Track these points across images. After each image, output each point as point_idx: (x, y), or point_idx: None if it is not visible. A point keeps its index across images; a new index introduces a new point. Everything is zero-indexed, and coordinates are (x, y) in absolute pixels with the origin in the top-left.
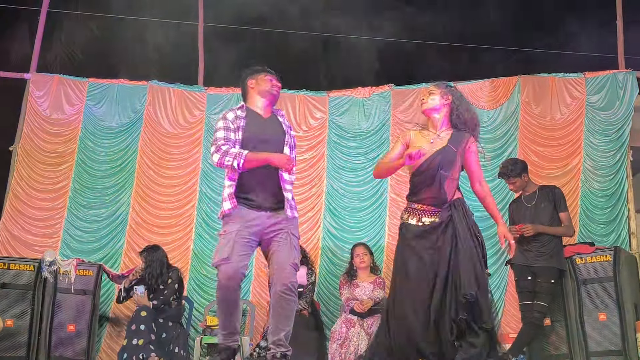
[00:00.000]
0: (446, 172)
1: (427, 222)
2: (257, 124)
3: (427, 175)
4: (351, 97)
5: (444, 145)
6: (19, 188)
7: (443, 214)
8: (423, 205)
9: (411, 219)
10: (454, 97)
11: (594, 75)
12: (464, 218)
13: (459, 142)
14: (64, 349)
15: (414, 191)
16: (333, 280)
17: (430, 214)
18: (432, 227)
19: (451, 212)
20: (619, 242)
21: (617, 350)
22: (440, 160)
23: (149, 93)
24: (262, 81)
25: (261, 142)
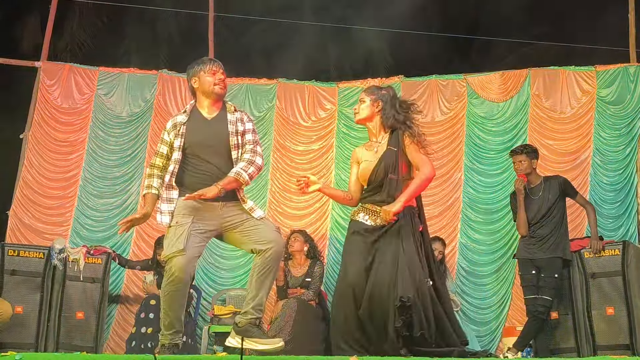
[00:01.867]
0: (393, 175)
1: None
2: (198, 128)
3: (376, 183)
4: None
5: (384, 149)
6: (29, 176)
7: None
8: (373, 206)
9: (360, 217)
10: (383, 102)
11: (605, 68)
12: (409, 225)
13: (397, 141)
14: (72, 336)
15: (365, 195)
16: None
17: (376, 215)
18: (374, 227)
19: (398, 219)
20: (627, 236)
21: (624, 344)
22: (385, 165)
23: (159, 82)
24: (203, 79)
25: (203, 147)
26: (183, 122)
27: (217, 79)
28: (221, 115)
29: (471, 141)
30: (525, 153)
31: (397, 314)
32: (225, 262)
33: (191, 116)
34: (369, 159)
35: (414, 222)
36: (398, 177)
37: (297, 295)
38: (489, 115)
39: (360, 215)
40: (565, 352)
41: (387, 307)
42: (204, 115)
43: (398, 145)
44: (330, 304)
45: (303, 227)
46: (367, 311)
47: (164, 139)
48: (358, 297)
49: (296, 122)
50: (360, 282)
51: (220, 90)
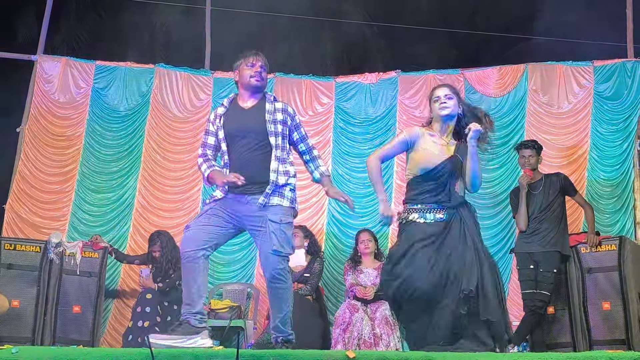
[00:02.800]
0: (453, 180)
1: (432, 219)
2: (235, 118)
3: (438, 182)
4: (358, 83)
5: (452, 154)
6: (26, 170)
7: (449, 212)
8: (427, 205)
9: (415, 217)
10: (462, 108)
11: (603, 63)
12: (471, 217)
13: (464, 154)
14: (69, 330)
15: (415, 196)
16: (337, 265)
17: (436, 211)
18: (439, 223)
19: (457, 209)
20: (624, 231)
21: (620, 339)
22: (452, 168)
23: (155, 76)
24: (242, 72)
25: (239, 136)
26: (222, 113)
27: (254, 72)
28: (259, 105)
29: None
30: (536, 148)
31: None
32: (222, 256)
33: (230, 107)
34: (434, 150)
35: (471, 209)
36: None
37: (294, 290)
38: (486, 110)
39: (416, 216)
40: (561, 347)
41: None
42: (241, 105)
43: (465, 158)
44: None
45: (300, 222)
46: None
47: (209, 130)
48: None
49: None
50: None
51: (256, 82)
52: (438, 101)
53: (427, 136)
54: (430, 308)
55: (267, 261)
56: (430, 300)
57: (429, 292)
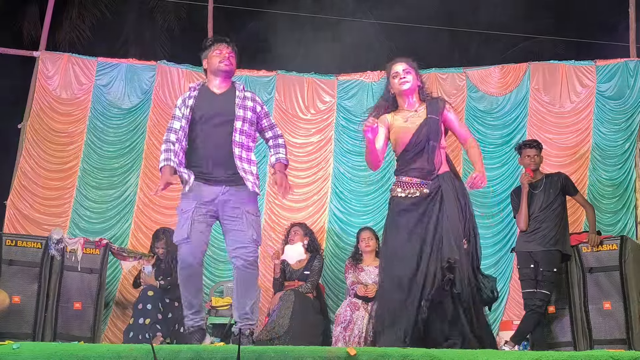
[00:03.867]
0: (434, 142)
1: (416, 192)
2: (207, 102)
3: (417, 148)
4: (360, 81)
5: (424, 117)
6: (27, 166)
7: (431, 185)
8: (411, 178)
9: (400, 192)
10: (420, 75)
11: (605, 63)
12: (452, 190)
13: (437, 110)
14: (70, 326)
15: (402, 167)
16: (338, 263)
17: (418, 186)
18: (421, 197)
19: (439, 184)
20: (625, 231)
21: (621, 339)
22: (428, 130)
23: (157, 73)
24: (211, 59)
25: (209, 120)
26: (194, 95)
27: (222, 57)
28: (230, 91)
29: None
30: (539, 148)
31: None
32: (222, 253)
33: (200, 92)
34: (406, 125)
35: (455, 185)
36: (439, 145)
37: (294, 287)
38: (489, 109)
39: (399, 191)
40: (561, 346)
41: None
42: (213, 90)
43: (439, 115)
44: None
45: (301, 220)
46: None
47: (176, 115)
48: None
49: (295, 114)
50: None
51: (225, 67)
52: (397, 77)
53: (396, 117)
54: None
55: (244, 249)
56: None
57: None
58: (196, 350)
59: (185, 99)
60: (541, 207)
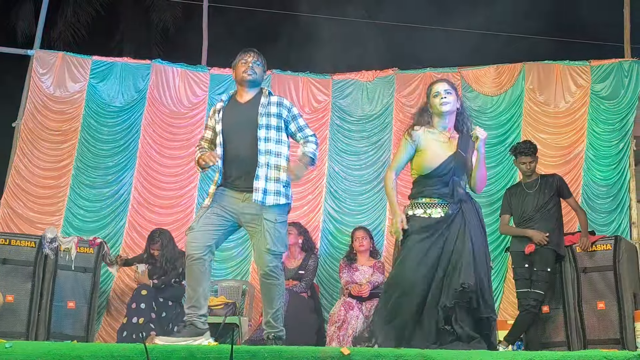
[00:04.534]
0: (458, 178)
1: (436, 213)
2: (232, 112)
3: (441, 180)
4: (355, 81)
5: (454, 150)
6: (21, 165)
7: (453, 206)
8: (431, 199)
9: (419, 212)
10: (461, 102)
11: (600, 63)
12: (474, 211)
13: (467, 147)
14: (63, 325)
15: (421, 191)
16: (333, 263)
17: (439, 206)
18: (441, 219)
19: (461, 205)
20: (619, 231)
21: (615, 338)
22: (454, 166)
23: (152, 72)
24: (237, 69)
25: (234, 130)
26: (220, 108)
27: (246, 67)
28: (255, 99)
29: None
30: (534, 153)
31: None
32: (217, 253)
33: (229, 102)
34: (437, 149)
35: (476, 207)
36: (462, 179)
37: (288, 287)
38: (483, 109)
39: (419, 212)
40: (555, 346)
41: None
42: (238, 100)
43: (468, 152)
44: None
45: (296, 219)
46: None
47: (208, 125)
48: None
49: None
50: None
51: (247, 77)
52: (438, 96)
53: (428, 135)
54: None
55: (261, 259)
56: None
57: (418, 284)
58: (190, 350)
59: (216, 110)
60: (536, 207)
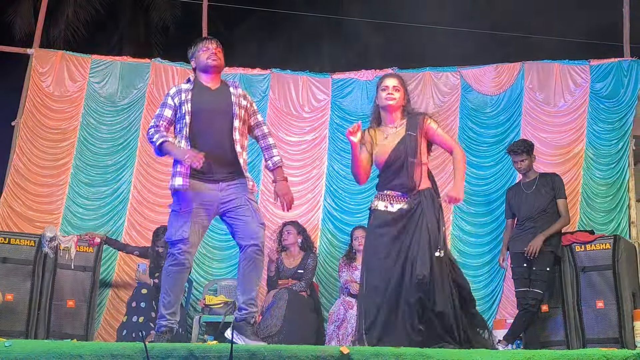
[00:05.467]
0: (412, 158)
1: (395, 208)
2: (204, 95)
3: (396, 165)
4: (354, 80)
5: (402, 134)
6: (21, 163)
7: (412, 201)
8: (393, 192)
9: (380, 205)
10: (406, 89)
11: (599, 62)
12: (432, 207)
13: (415, 126)
14: (63, 324)
15: (384, 181)
16: (332, 262)
17: (399, 200)
18: (400, 214)
19: (420, 200)
20: (618, 230)
21: (614, 338)
22: (405, 148)
23: (151, 71)
24: (199, 56)
25: (210, 113)
26: (189, 89)
27: (209, 53)
28: (223, 88)
29: (464, 134)
30: (526, 151)
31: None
32: (216, 252)
33: (195, 86)
34: (384, 142)
35: (435, 201)
36: (418, 162)
37: (288, 286)
38: (483, 108)
39: (381, 204)
40: (554, 345)
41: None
42: (208, 86)
43: (417, 131)
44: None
45: (295, 218)
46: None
47: (167, 103)
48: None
49: (289, 112)
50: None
51: (213, 62)
52: (385, 91)
53: (376, 133)
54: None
55: (254, 232)
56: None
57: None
58: (189, 349)
59: (181, 90)
60: (534, 207)
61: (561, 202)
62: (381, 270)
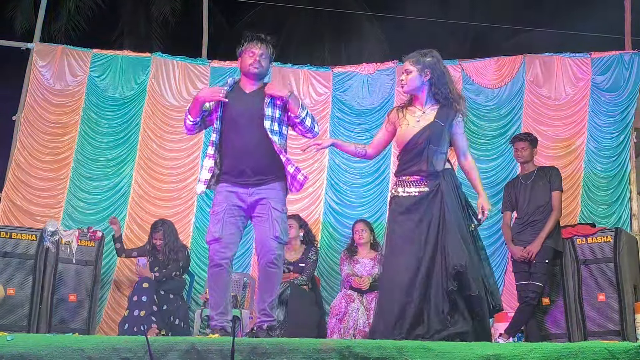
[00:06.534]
0: (435, 147)
1: (415, 192)
2: (237, 98)
3: (417, 150)
4: (355, 73)
5: (431, 120)
6: (22, 158)
7: (431, 183)
8: (412, 177)
9: (400, 191)
10: (432, 71)
11: (600, 55)
12: (453, 189)
13: (446, 117)
14: (65, 318)
15: (403, 167)
16: (333, 255)
17: (418, 184)
18: (421, 197)
19: (439, 182)
20: (620, 223)
21: (615, 330)
22: (429, 135)
23: (152, 65)
24: (243, 59)
25: (239, 118)
26: (227, 90)
27: (253, 60)
28: (259, 91)
29: (466, 127)
30: (529, 141)
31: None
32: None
33: (233, 89)
34: (411, 124)
35: (456, 183)
36: (439, 150)
37: (289, 279)
38: (484, 102)
39: (400, 190)
40: (556, 338)
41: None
42: (243, 89)
43: (447, 123)
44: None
45: (296, 212)
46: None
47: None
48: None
49: None
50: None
51: (254, 70)
52: (401, 75)
53: (404, 113)
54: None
55: (267, 246)
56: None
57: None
58: (191, 342)
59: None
60: (533, 199)
61: (555, 195)
62: (409, 256)
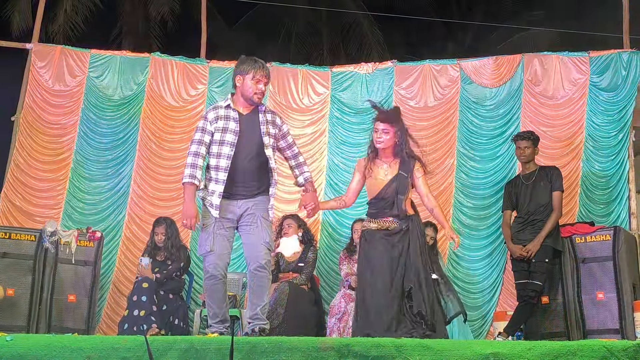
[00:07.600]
0: (402, 195)
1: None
2: (233, 122)
3: (387, 200)
4: (354, 73)
5: (395, 173)
6: (21, 158)
7: (402, 222)
8: (384, 217)
9: (372, 225)
10: (401, 133)
11: (598, 54)
12: (417, 230)
13: (408, 168)
14: (64, 318)
15: (376, 212)
16: (333, 255)
17: (391, 222)
18: (393, 232)
19: (408, 224)
20: (618, 222)
21: (614, 329)
22: (397, 186)
23: (151, 65)
24: (246, 84)
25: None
26: (223, 115)
27: (258, 89)
28: (254, 112)
29: (464, 126)
30: (532, 140)
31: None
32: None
33: (229, 111)
34: (380, 177)
35: (419, 226)
36: (406, 197)
37: (288, 279)
38: (482, 101)
39: (373, 225)
40: (555, 336)
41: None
42: (239, 110)
43: (409, 172)
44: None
45: (295, 212)
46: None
47: (206, 129)
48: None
49: (289, 106)
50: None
51: (257, 99)
52: (377, 132)
53: (374, 163)
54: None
55: (258, 250)
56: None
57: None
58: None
59: (219, 117)
60: (533, 199)
61: (556, 195)
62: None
